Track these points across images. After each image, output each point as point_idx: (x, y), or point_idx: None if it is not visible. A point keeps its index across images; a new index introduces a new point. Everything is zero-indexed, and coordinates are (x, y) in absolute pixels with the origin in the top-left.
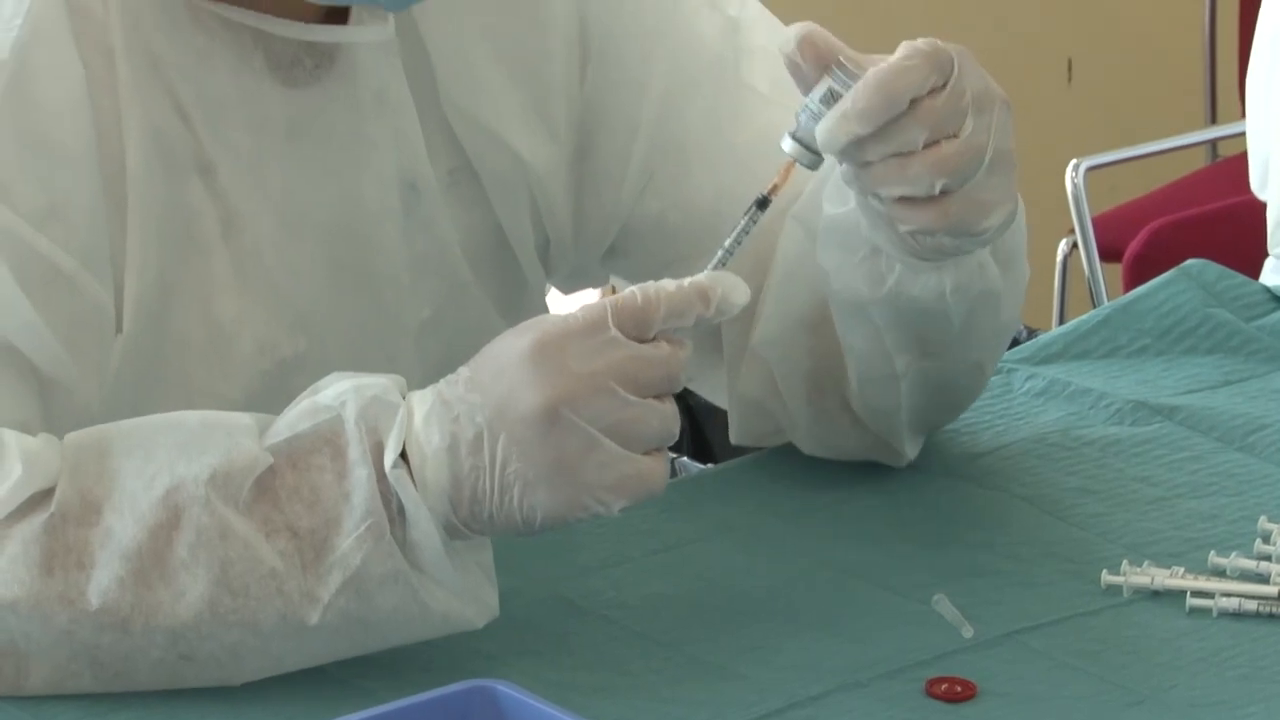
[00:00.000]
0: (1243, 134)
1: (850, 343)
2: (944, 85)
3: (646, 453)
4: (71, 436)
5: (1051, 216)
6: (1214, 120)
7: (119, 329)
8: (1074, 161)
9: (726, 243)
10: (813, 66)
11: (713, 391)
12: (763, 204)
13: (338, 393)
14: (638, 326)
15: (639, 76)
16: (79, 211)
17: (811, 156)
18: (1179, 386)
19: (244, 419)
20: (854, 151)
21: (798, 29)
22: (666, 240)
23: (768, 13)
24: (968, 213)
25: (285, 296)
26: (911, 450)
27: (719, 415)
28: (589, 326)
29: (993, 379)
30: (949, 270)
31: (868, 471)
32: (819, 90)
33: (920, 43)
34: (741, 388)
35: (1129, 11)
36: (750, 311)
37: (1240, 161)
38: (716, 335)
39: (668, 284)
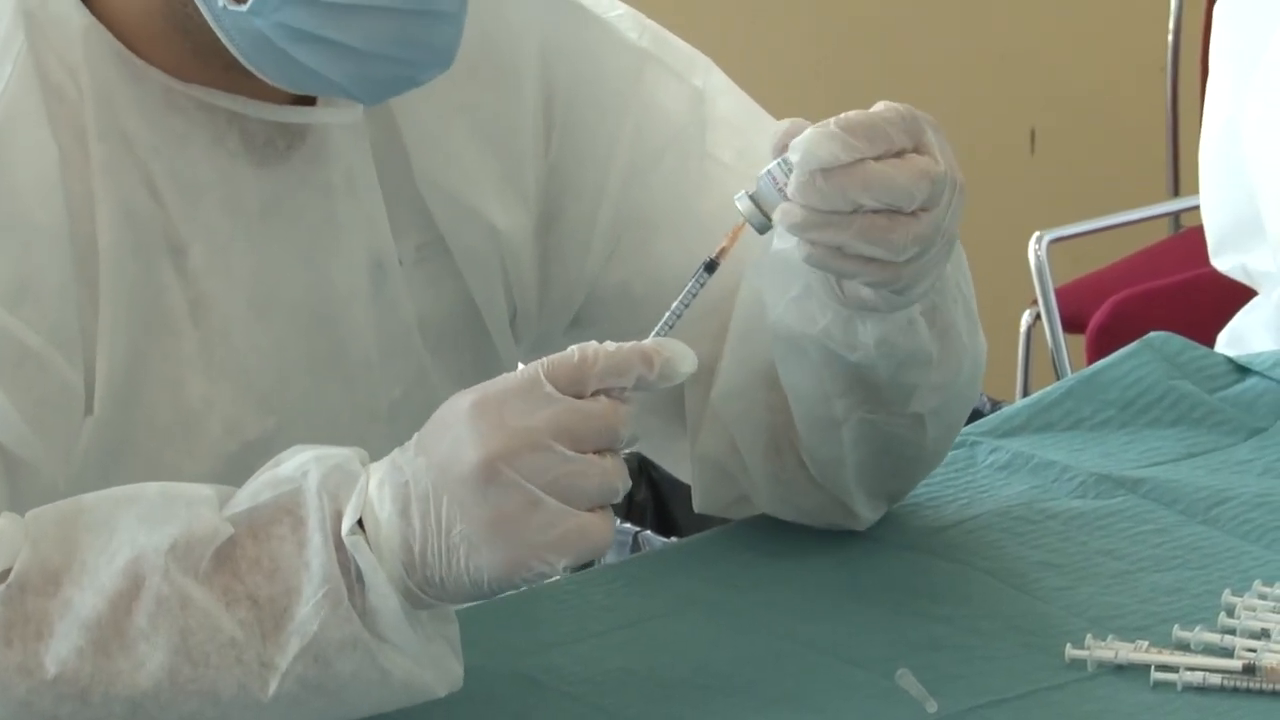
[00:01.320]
0: None
1: (790, 381)
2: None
3: (590, 509)
4: (34, 511)
5: (1014, 287)
6: (1177, 192)
7: (89, 410)
8: (1037, 234)
9: (674, 305)
10: (782, 140)
11: (676, 464)
12: (710, 267)
13: (299, 464)
14: (574, 383)
15: (604, 146)
16: (50, 291)
17: (762, 220)
18: (1142, 459)
19: (204, 490)
20: (826, 193)
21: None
22: (632, 309)
23: (732, 84)
24: (914, 277)
25: (254, 378)
26: (868, 512)
27: (683, 489)
28: (526, 383)
29: (956, 452)
30: (875, 323)
31: (831, 544)
32: (782, 157)
33: (898, 105)
34: (702, 449)
35: (1092, 82)
36: (711, 372)
37: (1203, 233)
38: (679, 404)
39: (609, 344)
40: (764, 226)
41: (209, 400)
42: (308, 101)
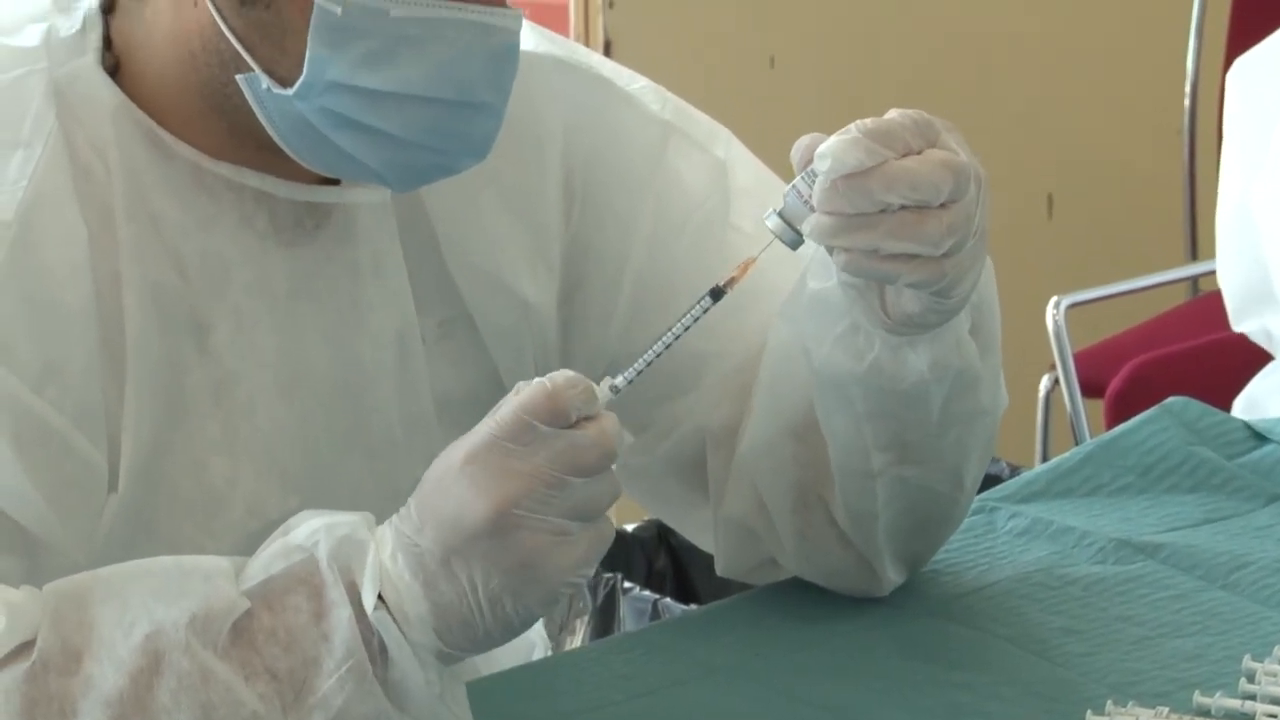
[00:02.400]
0: None
1: (831, 427)
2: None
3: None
4: (52, 585)
5: (1033, 352)
6: (1194, 256)
7: (112, 488)
8: (1055, 299)
9: (674, 327)
10: (805, 154)
11: (696, 532)
12: (716, 294)
13: (310, 531)
14: (557, 415)
15: (627, 217)
16: (76, 371)
17: (793, 235)
18: (1162, 525)
19: (220, 562)
20: (856, 195)
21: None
22: (651, 380)
23: (752, 155)
24: (956, 273)
25: (278, 457)
26: (892, 574)
27: (703, 556)
28: (515, 427)
29: (975, 518)
30: (925, 346)
31: (851, 610)
32: (806, 168)
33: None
34: (727, 509)
35: (1109, 147)
36: (734, 434)
37: (1221, 297)
38: (700, 471)
39: (572, 374)
40: (795, 242)
41: (232, 479)
42: (334, 180)
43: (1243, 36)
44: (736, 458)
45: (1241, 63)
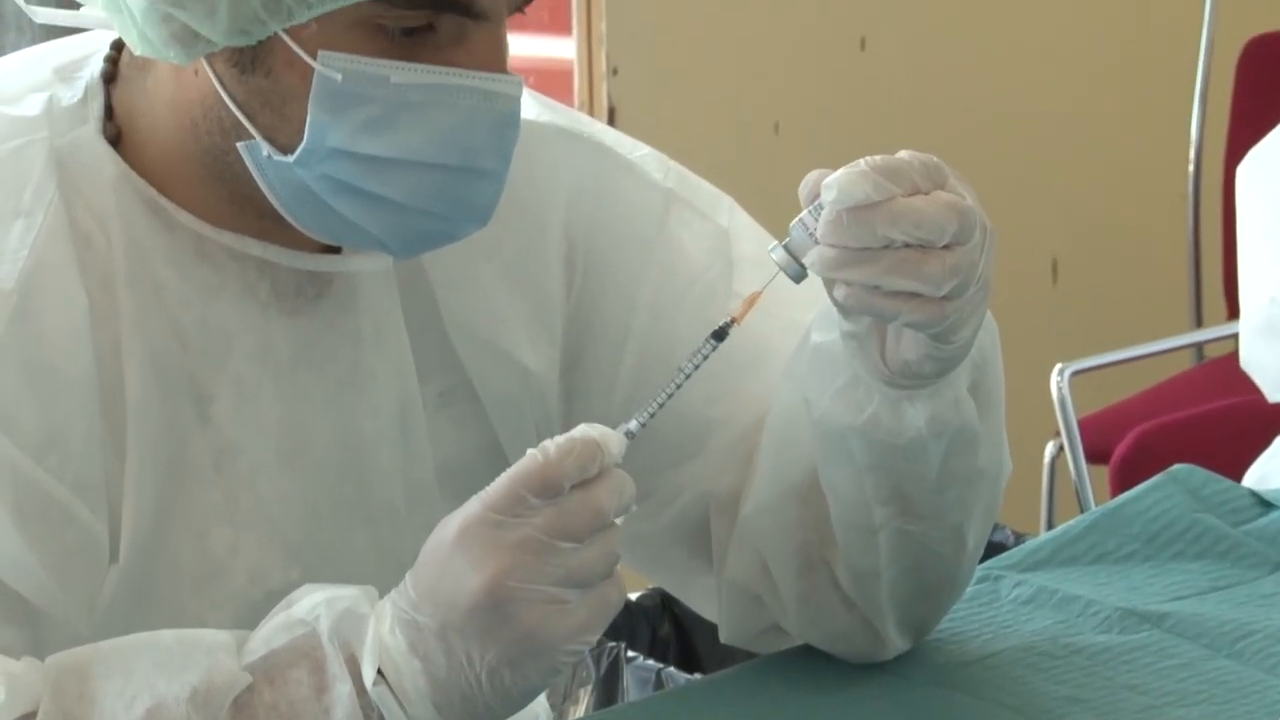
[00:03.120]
0: (1229, 337)
1: (831, 480)
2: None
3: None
4: (53, 658)
5: (1037, 419)
6: (1199, 323)
7: (113, 558)
8: (1059, 365)
9: (685, 365)
10: (812, 188)
11: (699, 600)
12: (720, 335)
13: (311, 605)
14: (549, 487)
15: (629, 286)
16: (77, 441)
17: (798, 269)
18: (1167, 593)
19: (222, 636)
20: (859, 229)
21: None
22: (656, 447)
23: (754, 223)
24: (957, 317)
25: (280, 527)
26: (899, 639)
27: (707, 625)
28: (506, 501)
29: (980, 586)
30: (924, 401)
31: (855, 679)
32: (814, 202)
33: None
34: (730, 574)
35: (1113, 213)
36: (737, 499)
37: (1226, 363)
38: (703, 539)
39: (565, 441)
40: (799, 275)
41: (234, 549)
42: (336, 249)
43: (1247, 102)
44: (740, 520)
45: (1253, 155)
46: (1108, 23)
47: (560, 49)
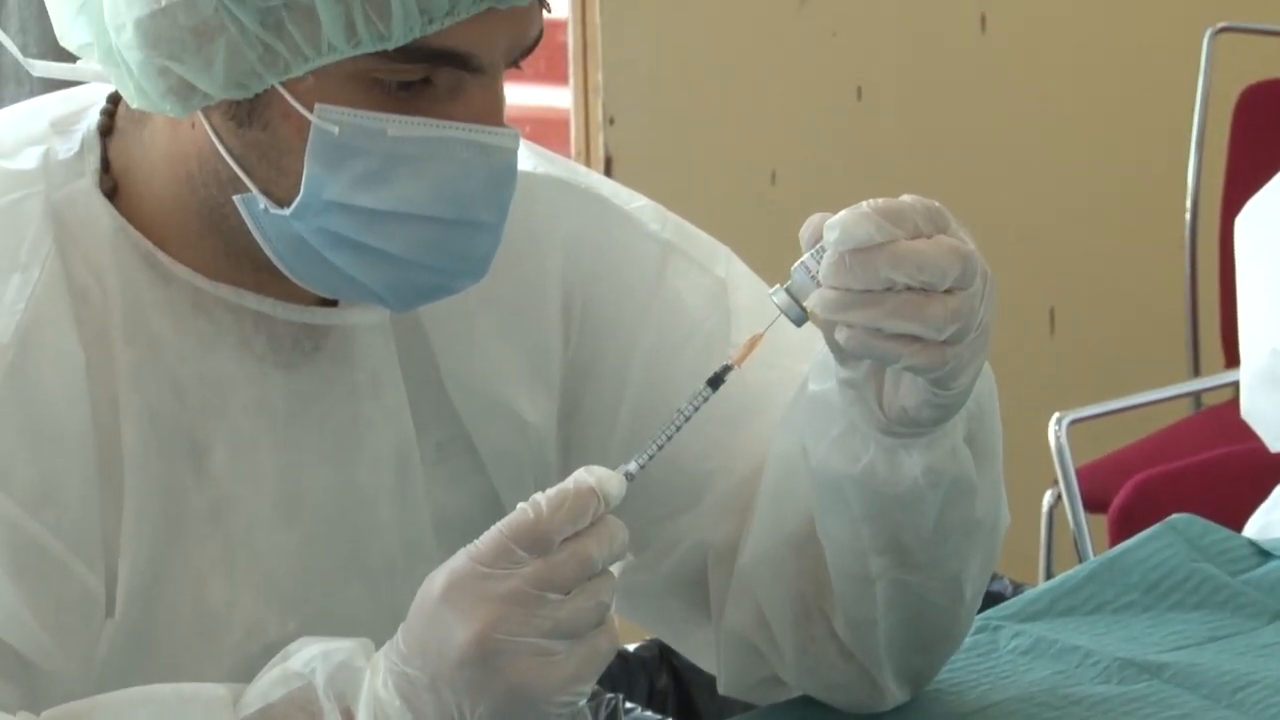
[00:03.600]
0: (1227, 385)
1: (828, 529)
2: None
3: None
4: (49, 712)
5: (1035, 468)
6: (1197, 372)
7: (110, 613)
8: (1057, 415)
9: (684, 408)
10: (814, 231)
11: (697, 652)
12: (715, 382)
13: (307, 658)
14: (539, 541)
15: (626, 338)
16: (73, 495)
17: (799, 312)
18: (1166, 643)
19: (219, 690)
20: (863, 272)
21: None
22: (652, 497)
23: (752, 273)
24: (957, 362)
25: (277, 580)
26: (897, 690)
27: (705, 676)
28: (494, 554)
29: (978, 637)
30: (921, 451)
31: None
32: (815, 246)
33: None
34: (729, 624)
35: (1110, 262)
36: (734, 549)
37: (1225, 412)
38: (701, 589)
39: (555, 493)
40: (800, 319)
41: (231, 603)
42: (332, 301)
43: (1243, 152)
44: (737, 570)
45: (1251, 206)
46: (1103, 71)
47: (557, 98)
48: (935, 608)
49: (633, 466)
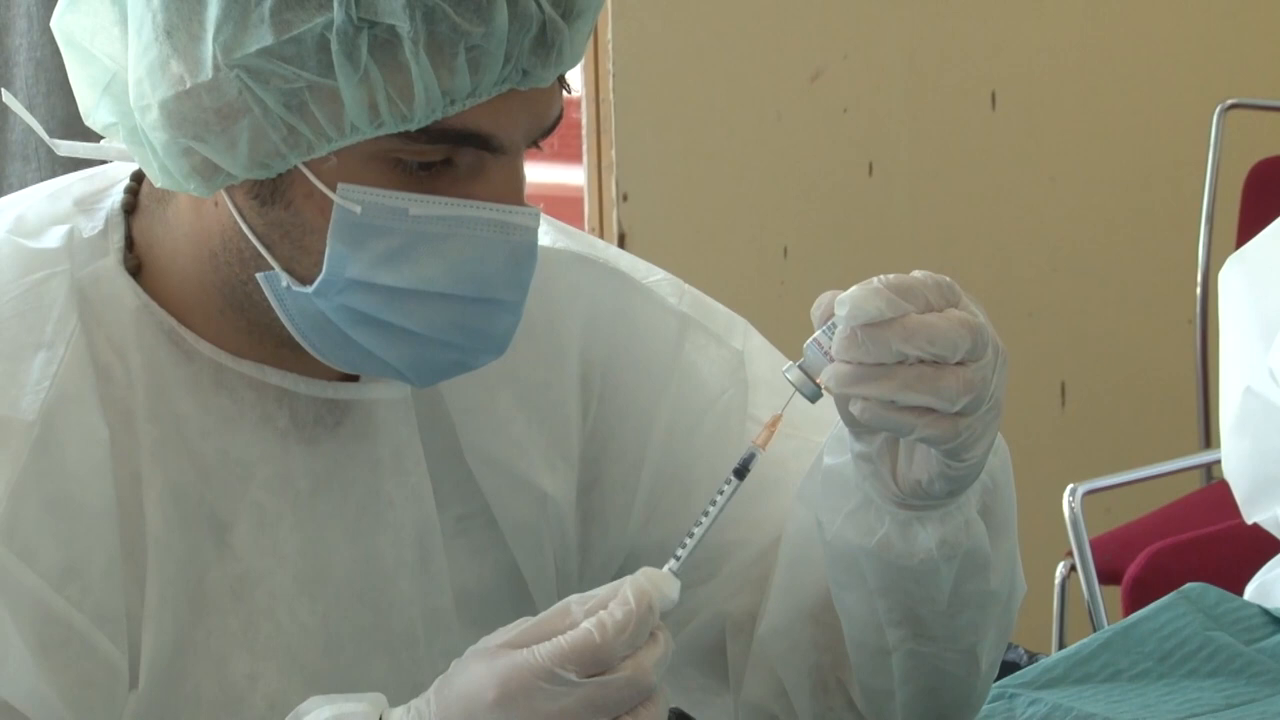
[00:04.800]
0: None
1: (843, 602)
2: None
3: None
4: None
5: (1049, 539)
6: (1208, 444)
7: (133, 686)
8: (1071, 486)
9: (718, 499)
10: (825, 309)
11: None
12: (741, 472)
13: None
14: (598, 663)
15: (645, 411)
16: (97, 571)
17: (813, 389)
18: (1181, 710)
19: None
20: (876, 345)
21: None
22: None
23: (769, 344)
24: (969, 435)
25: (299, 654)
26: None
27: None
28: (550, 672)
29: (995, 705)
30: (935, 524)
31: None
32: (826, 322)
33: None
34: (747, 695)
35: (1121, 336)
36: (753, 619)
37: None
38: (720, 658)
39: (619, 613)
40: (815, 395)
41: (253, 676)
42: (354, 376)
43: (1253, 227)
44: (755, 641)
45: (1233, 260)
46: (1114, 148)
47: (571, 176)
48: (952, 678)
49: (674, 565)
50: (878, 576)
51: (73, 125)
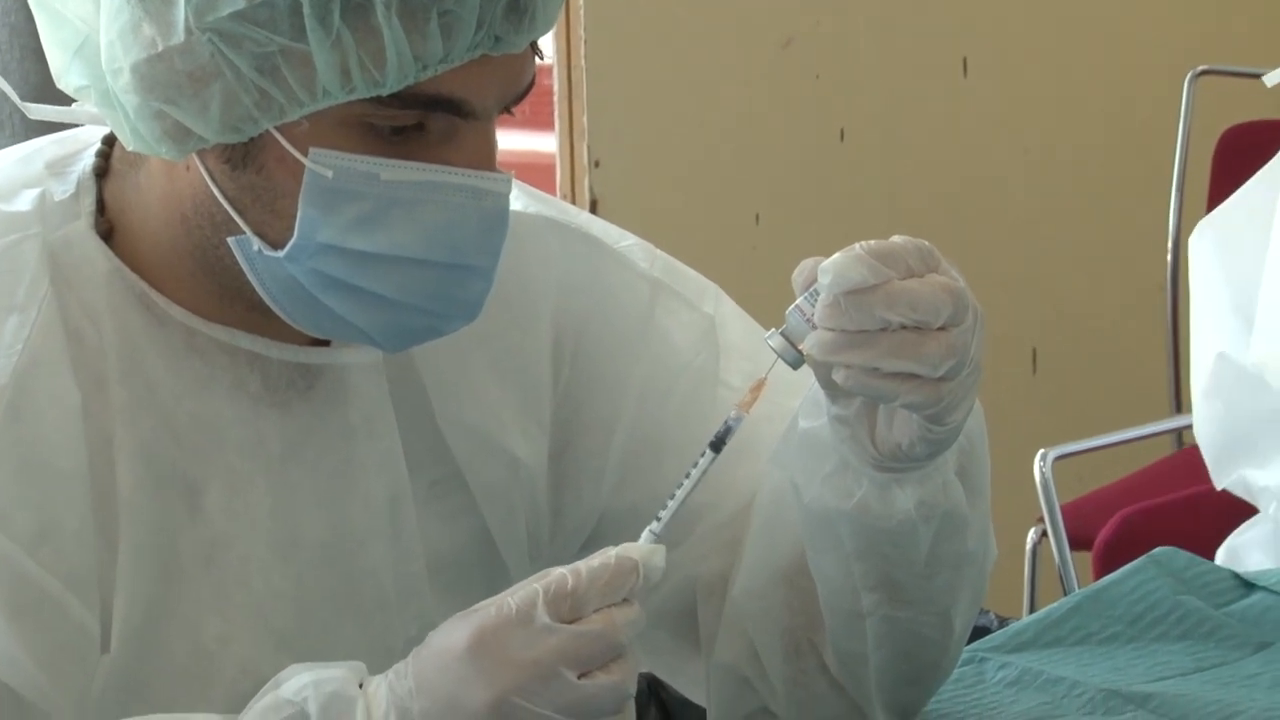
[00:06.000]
0: None
1: (819, 566)
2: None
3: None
4: None
5: (1020, 505)
6: (1179, 409)
7: (105, 650)
8: (1042, 451)
9: (679, 493)
10: (807, 275)
11: (688, 684)
12: (718, 445)
13: (299, 686)
14: (573, 610)
15: (617, 376)
16: (69, 535)
17: (795, 355)
18: (1151, 674)
19: (211, 719)
20: (860, 311)
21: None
22: (640, 531)
23: (741, 310)
24: (951, 399)
25: (271, 618)
26: None
27: (694, 710)
28: (523, 616)
29: (965, 669)
30: (913, 485)
31: None
32: (808, 289)
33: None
34: (719, 657)
35: (1093, 303)
36: (725, 582)
37: None
38: (691, 621)
39: (596, 563)
40: (797, 361)
41: (225, 640)
42: (326, 340)
43: (1224, 193)
44: (728, 603)
45: (1203, 226)
46: (1085, 114)
47: (543, 143)
48: (926, 642)
49: (656, 526)
50: (855, 539)
51: (47, 91)
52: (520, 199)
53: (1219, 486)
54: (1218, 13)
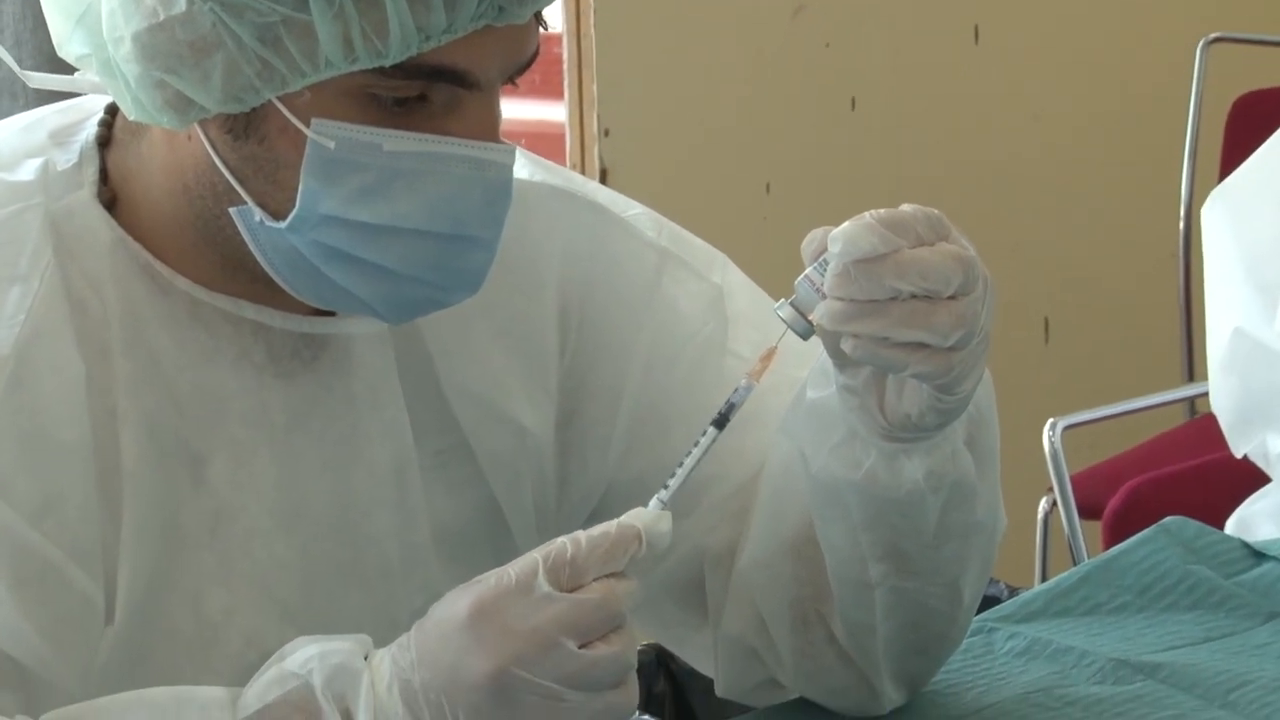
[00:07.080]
0: None
1: (828, 536)
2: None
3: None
4: (48, 716)
5: (1030, 475)
6: (1191, 378)
7: (109, 620)
8: (1051, 420)
9: (686, 461)
10: (817, 245)
11: (696, 655)
12: (721, 422)
13: (304, 659)
14: (572, 578)
15: (624, 345)
16: (73, 505)
17: (805, 325)
18: (1160, 644)
19: (216, 692)
20: (869, 283)
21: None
22: (647, 501)
23: (748, 280)
24: (961, 368)
25: (275, 589)
26: (894, 693)
27: (702, 680)
28: (523, 585)
29: (974, 639)
30: (921, 455)
31: None
32: (818, 259)
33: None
34: (726, 628)
35: (1105, 271)
36: (732, 553)
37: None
38: (699, 593)
39: (597, 532)
40: (807, 332)
41: (229, 611)
42: (329, 310)
43: (1236, 161)
44: (735, 574)
45: (1215, 195)
46: (1097, 82)
47: (552, 112)
48: (934, 613)
49: (664, 495)
50: (863, 509)
51: (60, 61)
52: (526, 168)
53: (1238, 454)
54: None
